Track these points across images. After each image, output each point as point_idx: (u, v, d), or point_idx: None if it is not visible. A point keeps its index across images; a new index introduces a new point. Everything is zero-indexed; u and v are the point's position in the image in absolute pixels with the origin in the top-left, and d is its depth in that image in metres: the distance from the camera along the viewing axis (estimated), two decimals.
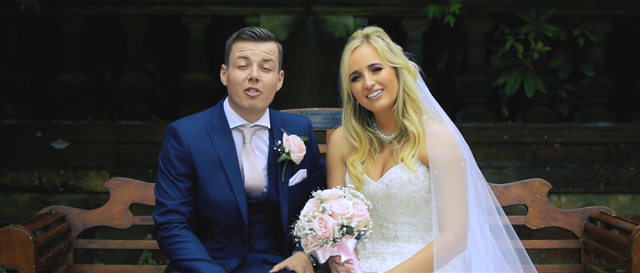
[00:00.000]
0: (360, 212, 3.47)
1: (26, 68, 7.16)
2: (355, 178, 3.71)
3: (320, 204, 3.46)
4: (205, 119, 3.78)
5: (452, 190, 3.61)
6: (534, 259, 3.86)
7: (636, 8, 7.01)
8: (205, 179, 3.71)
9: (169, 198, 3.69)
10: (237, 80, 3.67)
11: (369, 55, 3.67)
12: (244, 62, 3.67)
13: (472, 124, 7.00)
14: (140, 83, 7.04)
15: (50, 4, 6.63)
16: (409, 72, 3.71)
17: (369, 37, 3.71)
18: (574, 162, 6.95)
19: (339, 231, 3.43)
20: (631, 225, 3.90)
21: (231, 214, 3.72)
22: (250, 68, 3.67)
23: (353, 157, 3.76)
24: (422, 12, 6.80)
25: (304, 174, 3.82)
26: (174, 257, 3.66)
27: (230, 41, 3.75)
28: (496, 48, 7.05)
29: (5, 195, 6.77)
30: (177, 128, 3.74)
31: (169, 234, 3.66)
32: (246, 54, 3.67)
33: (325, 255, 3.49)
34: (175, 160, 3.70)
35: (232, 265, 3.72)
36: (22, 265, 3.72)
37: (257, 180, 3.75)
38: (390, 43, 3.72)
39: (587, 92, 7.12)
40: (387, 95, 3.66)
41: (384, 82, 3.65)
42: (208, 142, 3.72)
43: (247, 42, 3.69)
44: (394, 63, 3.68)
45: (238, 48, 3.70)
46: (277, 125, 3.81)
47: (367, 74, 3.66)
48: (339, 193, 3.50)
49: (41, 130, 6.91)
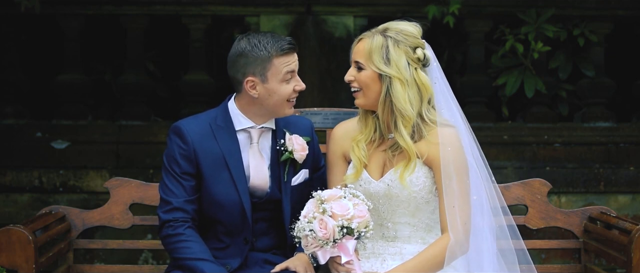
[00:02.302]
0: (360, 213, 3.45)
1: (26, 68, 7.16)
2: (359, 160, 3.67)
3: (320, 205, 3.45)
4: (209, 118, 3.78)
5: (457, 190, 3.60)
6: (534, 259, 3.85)
7: (636, 8, 7.02)
8: (209, 178, 3.71)
9: (174, 196, 3.69)
10: (286, 94, 3.71)
11: (360, 51, 3.64)
12: (290, 76, 3.71)
13: (472, 124, 6.87)
14: (140, 83, 7.04)
15: (50, 4, 6.63)
16: (402, 84, 3.57)
17: (380, 32, 3.65)
18: (574, 162, 6.95)
19: (340, 232, 3.41)
20: (631, 225, 3.90)
21: (235, 213, 3.72)
22: (295, 78, 3.73)
23: (359, 136, 3.73)
24: (422, 12, 6.79)
25: (306, 174, 3.83)
26: (176, 256, 3.67)
27: (268, 55, 3.66)
28: (496, 48, 7.05)
29: (5, 195, 6.77)
30: (181, 127, 3.74)
31: (174, 232, 3.67)
32: (292, 67, 3.70)
33: (325, 256, 3.48)
34: (180, 158, 3.71)
35: (233, 265, 3.72)
36: (22, 265, 3.72)
37: (261, 180, 3.76)
38: (391, 48, 3.59)
39: (587, 92, 7.12)
40: (363, 97, 3.64)
41: (360, 83, 3.64)
42: (213, 141, 3.72)
43: (289, 55, 3.71)
44: (380, 69, 3.58)
45: (284, 62, 3.68)
46: (280, 125, 3.83)
47: (352, 67, 3.67)
48: (340, 194, 3.49)
49: (41, 130, 6.91)
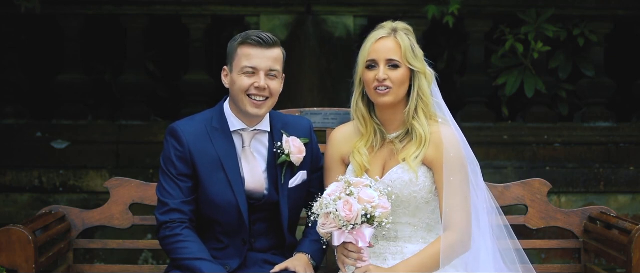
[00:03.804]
0: (384, 204, 3.47)
1: (26, 68, 7.16)
2: (360, 166, 3.69)
3: (348, 187, 3.45)
4: (205, 120, 3.78)
5: (459, 190, 3.61)
6: (534, 259, 3.87)
7: (636, 8, 7.02)
8: (205, 179, 3.71)
9: (171, 198, 3.69)
10: (243, 87, 3.65)
11: (391, 50, 3.65)
12: (250, 70, 3.64)
13: (472, 124, 7.00)
14: (140, 83, 7.04)
15: (50, 4, 6.63)
16: (425, 77, 3.69)
17: (396, 31, 3.69)
18: (574, 162, 6.95)
19: (362, 217, 3.42)
20: (631, 225, 3.90)
21: (232, 214, 3.72)
22: (257, 76, 3.64)
23: (359, 143, 3.74)
24: (422, 12, 6.80)
25: (304, 176, 3.82)
26: (175, 256, 3.66)
27: (235, 44, 3.69)
28: (496, 48, 7.05)
29: (5, 195, 6.77)
30: (177, 128, 3.74)
31: (171, 233, 3.66)
32: (253, 62, 3.63)
33: (340, 238, 3.46)
34: (176, 160, 3.71)
35: (232, 266, 3.72)
36: (22, 265, 3.72)
37: (257, 183, 3.75)
38: (415, 44, 3.70)
39: (587, 92, 7.12)
40: (393, 95, 3.65)
41: (395, 81, 3.64)
42: (208, 142, 3.72)
43: (254, 48, 3.64)
44: (412, 65, 3.66)
45: (244, 54, 3.65)
46: (278, 127, 3.81)
47: (383, 66, 3.64)
48: (366, 183, 3.50)
49: (41, 130, 6.91)
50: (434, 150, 3.65)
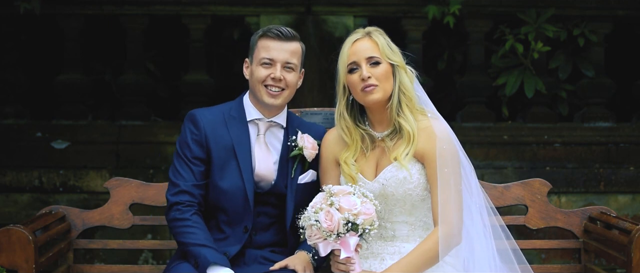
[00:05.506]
0: (367, 211, 3.50)
1: (26, 68, 7.16)
2: (350, 177, 3.74)
3: (329, 197, 3.52)
4: (224, 109, 3.91)
5: (451, 182, 3.64)
6: (534, 259, 3.88)
7: (636, 8, 7.02)
8: (217, 165, 3.80)
9: (183, 180, 3.78)
10: (260, 78, 3.80)
11: (369, 49, 3.74)
12: (268, 61, 3.79)
13: (472, 124, 7.00)
14: (140, 83, 7.04)
15: (50, 4, 6.63)
16: (405, 71, 3.76)
17: (370, 33, 3.79)
18: (574, 162, 6.95)
19: (344, 226, 3.46)
20: (631, 225, 3.90)
21: (238, 199, 3.79)
22: (274, 67, 3.80)
23: (345, 154, 3.79)
24: (422, 12, 6.80)
25: (313, 176, 3.89)
26: (181, 240, 3.73)
27: (256, 37, 3.86)
28: (496, 48, 7.05)
29: (5, 195, 6.77)
30: (196, 114, 3.88)
31: (181, 217, 3.73)
32: (271, 54, 3.79)
33: (326, 248, 3.52)
34: (192, 143, 3.81)
35: (231, 252, 3.77)
36: (22, 265, 3.73)
37: (266, 171, 3.84)
38: (390, 42, 3.79)
39: (587, 92, 7.12)
40: (381, 91, 3.70)
41: (379, 77, 3.70)
42: (224, 129, 3.83)
43: (273, 40, 3.81)
44: (392, 60, 3.73)
45: (263, 46, 3.82)
46: (294, 125, 3.93)
47: (364, 65, 3.71)
48: (349, 190, 3.55)
49: (41, 130, 6.91)
50: (424, 143, 3.68)
